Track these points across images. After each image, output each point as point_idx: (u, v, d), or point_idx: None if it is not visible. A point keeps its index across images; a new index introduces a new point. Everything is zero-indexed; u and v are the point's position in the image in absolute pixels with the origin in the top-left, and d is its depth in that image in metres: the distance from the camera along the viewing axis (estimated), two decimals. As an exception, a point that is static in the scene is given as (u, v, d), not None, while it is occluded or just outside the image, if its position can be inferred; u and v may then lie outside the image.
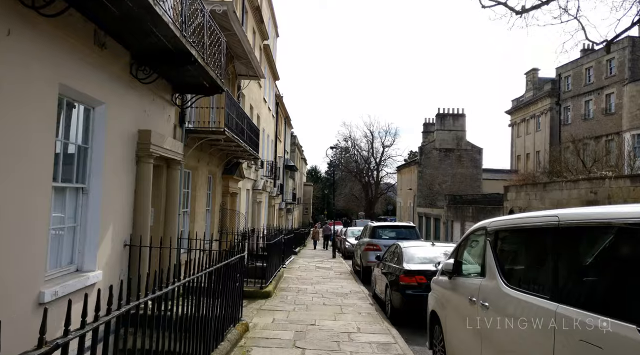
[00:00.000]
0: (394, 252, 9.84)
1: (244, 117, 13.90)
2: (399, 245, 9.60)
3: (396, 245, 9.99)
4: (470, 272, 4.66)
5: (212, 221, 13.62)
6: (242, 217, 16.73)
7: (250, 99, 19.46)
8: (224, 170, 14.63)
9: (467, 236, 5.04)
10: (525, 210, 22.45)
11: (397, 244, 9.92)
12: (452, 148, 48.26)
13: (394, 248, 10.03)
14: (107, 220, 6.29)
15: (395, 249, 9.76)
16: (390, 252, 10.35)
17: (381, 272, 9.85)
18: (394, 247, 10.03)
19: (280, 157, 33.47)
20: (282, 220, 36.53)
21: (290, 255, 21.10)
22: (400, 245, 9.47)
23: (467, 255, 4.94)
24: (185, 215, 11.21)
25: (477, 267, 4.49)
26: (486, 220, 4.52)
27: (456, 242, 22.44)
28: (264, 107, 24.18)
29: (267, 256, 10.53)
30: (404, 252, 9.01)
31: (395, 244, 10.10)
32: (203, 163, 11.95)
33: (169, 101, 8.91)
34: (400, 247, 9.38)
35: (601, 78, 40.83)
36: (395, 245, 10.02)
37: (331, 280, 13.96)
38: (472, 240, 4.91)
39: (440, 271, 5.67)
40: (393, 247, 10.24)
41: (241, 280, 7.15)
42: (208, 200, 13.37)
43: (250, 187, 20.48)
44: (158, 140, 7.83)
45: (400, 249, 9.26)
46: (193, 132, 10.20)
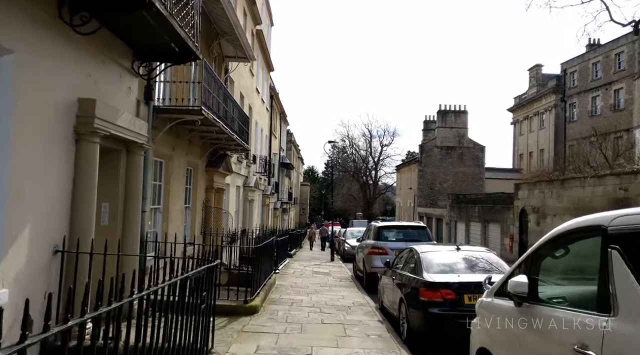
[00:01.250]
0: (408, 257, 8.04)
1: (230, 100, 12.10)
2: (416, 249, 7.80)
3: (411, 249, 8.19)
4: (569, 300, 2.89)
5: (192, 221, 11.80)
6: (229, 217, 14.90)
7: (240, 87, 17.65)
8: (208, 163, 12.81)
9: (552, 239, 3.24)
10: (539, 210, 20.72)
11: (412, 249, 8.12)
12: (453, 146, 46.57)
13: (408, 253, 8.24)
14: (18, 219, 4.47)
15: (411, 254, 7.97)
16: (403, 257, 8.56)
17: (393, 282, 8.06)
18: (409, 252, 8.24)
19: (275, 154, 31.66)
20: (277, 221, 34.70)
21: (285, 258, 19.29)
22: (417, 250, 7.67)
23: (555, 271, 3.18)
24: (157, 213, 9.39)
25: (583, 292, 2.74)
26: (597, 215, 2.71)
27: (473, 244, 20.79)
28: (256, 98, 22.38)
29: (255, 263, 8.73)
30: (423, 258, 7.22)
31: (410, 249, 8.30)
32: (180, 151, 10.14)
33: (128, 69, 7.09)
34: (417, 253, 7.58)
35: (609, 73, 39.20)
36: (410, 250, 8.22)
37: (330, 288, 12.15)
38: (566, 246, 3.13)
39: (493, 290, 3.90)
40: (407, 252, 8.45)
41: (210, 299, 5.34)
42: (187, 196, 11.56)
43: (241, 184, 18.66)
44: (108, 114, 6.01)
45: (417, 255, 7.46)
46: (163, 111, 8.38)
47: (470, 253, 7.42)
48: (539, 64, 50.46)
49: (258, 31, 21.52)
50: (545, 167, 46.11)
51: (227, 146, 12.71)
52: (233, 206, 17.21)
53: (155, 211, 9.28)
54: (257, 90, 22.24)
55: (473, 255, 7.33)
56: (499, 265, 7.05)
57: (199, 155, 11.81)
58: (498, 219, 25.94)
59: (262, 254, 9.56)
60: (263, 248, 9.51)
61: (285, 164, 36.39)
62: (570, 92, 43.91)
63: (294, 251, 25.31)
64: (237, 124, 12.98)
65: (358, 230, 27.17)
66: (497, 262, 7.18)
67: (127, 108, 7.01)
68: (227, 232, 13.30)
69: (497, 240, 26.20)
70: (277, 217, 34.78)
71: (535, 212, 20.83)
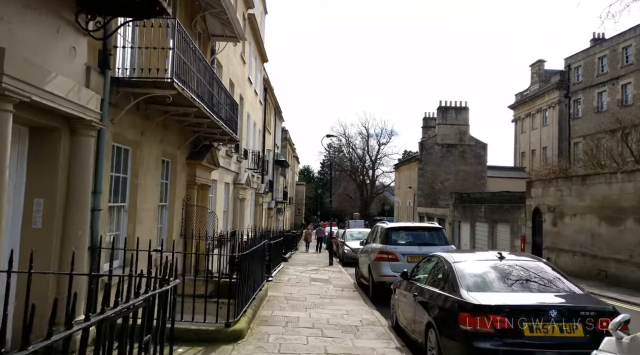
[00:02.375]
0: (434, 268, 6.34)
1: (217, 81, 10.39)
2: (444, 258, 6.10)
3: (436, 257, 6.49)
4: None
5: (170, 222, 10.07)
6: (215, 217, 13.16)
7: (230, 73, 15.92)
8: (189, 154, 11.08)
9: None
10: (556, 209, 19.12)
11: (438, 257, 6.41)
12: (454, 143, 45.01)
13: (433, 262, 6.52)
14: None
15: (437, 263, 6.26)
16: (425, 267, 6.86)
17: (414, 299, 6.36)
18: (434, 260, 6.52)
19: (269, 151, 29.93)
20: (271, 221, 32.95)
21: (280, 262, 17.57)
22: (447, 259, 5.96)
23: None
24: (121, 212, 7.66)
25: None
26: None
27: (479, 245, 18.84)
28: (249, 88, 20.65)
29: (241, 273, 7.02)
30: (457, 270, 5.53)
31: (435, 256, 6.60)
32: (152, 138, 8.40)
33: (71, 23, 5.37)
34: (446, 262, 5.88)
35: (616, 67, 37.74)
36: (435, 258, 6.52)
37: (332, 300, 10.44)
38: None
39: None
40: (430, 260, 6.74)
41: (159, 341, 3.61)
42: (164, 192, 9.83)
43: (230, 181, 16.93)
44: (31, 74, 4.31)
45: (448, 265, 5.76)
46: (124, 83, 6.64)
47: (518, 263, 5.73)
48: (541, 59, 49.11)
49: (250, 15, 19.80)
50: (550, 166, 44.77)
51: (212, 135, 10.97)
52: (221, 205, 15.48)
53: (118, 210, 7.55)
54: (249, 80, 20.52)
55: (522, 265, 5.64)
56: (559, 281, 5.38)
57: (177, 144, 10.07)
58: (507, 219, 24.34)
59: (251, 262, 7.85)
60: (252, 254, 7.80)
61: (280, 161, 34.65)
62: (574, 88, 42.46)
63: (289, 254, 23.59)
64: (225, 111, 11.28)
65: (358, 231, 25.51)
66: (554, 275, 5.51)
67: (68, 73, 5.27)
68: (213, 235, 11.60)
69: (506, 241, 24.61)
70: (271, 217, 33.03)
71: (551, 212, 19.23)
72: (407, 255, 10.53)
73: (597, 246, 15.98)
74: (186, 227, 10.86)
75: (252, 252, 7.76)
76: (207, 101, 9.17)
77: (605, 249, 15.39)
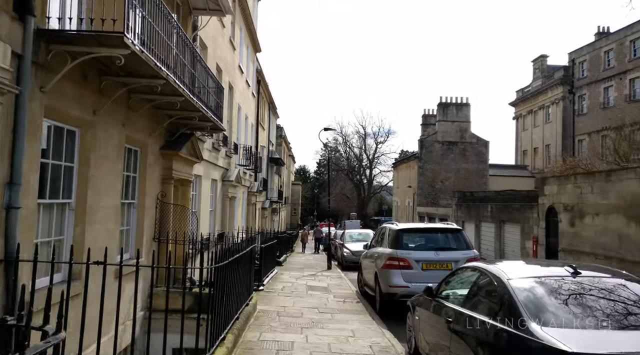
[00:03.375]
0: (476, 285, 4.68)
1: (198, 59, 8.74)
2: (491, 272, 4.44)
3: (480, 271, 4.81)
4: None
5: (140, 223, 8.39)
6: (196, 217, 11.50)
7: (216, 57, 14.24)
8: (165, 143, 9.40)
9: None
10: (574, 208, 17.56)
11: (482, 270, 4.75)
12: (455, 141, 43.45)
13: (477, 277, 4.83)
14: None
15: (482, 280, 4.59)
16: (460, 282, 5.22)
17: (446, 325, 4.72)
18: (477, 275, 4.84)
19: (263, 147, 28.27)
20: (265, 222, 31.26)
21: (273, 267, 15.90)
22: (498, 274, 4.29)
23: None
24: (65, 210, 5.97)
25: None
26: None
27: (485, 247, 16.69)
28: (239, 78, 18.98)
29: (216, 292, 5.37)
30: (516, 291, 3.87)
31: (478, 269, 4.91)
32: (109, 119, 6.72)
33: None
34: (498, 278, 4.22)
35: (624, 61, 36.32)
36: (479, 272, 4.82)
37: (333, 316, 8.78)
38: None
39: None
40: (473, 274, 5.03)
41: None
42: (131, 187, 8.15)
43: (218, 177, 15.25)
44: None
45: (501, 284, 4.09)
46: (56, 37, 4.94)
47: (603, 280, 4.09)
48: (544, 54, 47.62)
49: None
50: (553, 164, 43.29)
51: (190, 120, 9.28)
52: (207, 204, 13.80)
53: (59, 208, 5.86)
54: (240, 68, 18.85)
55: (610, 284, 4.01)
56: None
57: (147, 130, 8.39)
58: (517, 218, 22.76)
59: (231, 275, 6.19)
60: (233, 265, 6.14)
61: (274, 159, 32.97)
62: (579, 83, 41.08)
63: (284, 257, 21.91)
64: (208, 94, 9.63)
65: (358, 232, 23.92)
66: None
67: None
68: (196, 238, 9.92)
69: (515, 243, 23.04)
70: (265, 217, 31.34)
71: (569, 211, 17.65)
72: (422, 261, 8.89)
73: (624, 249, 14.42)
74: (161, 229, 9.19)
75: (233, 262, 6.10)
76: (181, 76, 7.52)
77: (636, 252, 13.83)
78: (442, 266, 8.87)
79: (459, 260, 8.96)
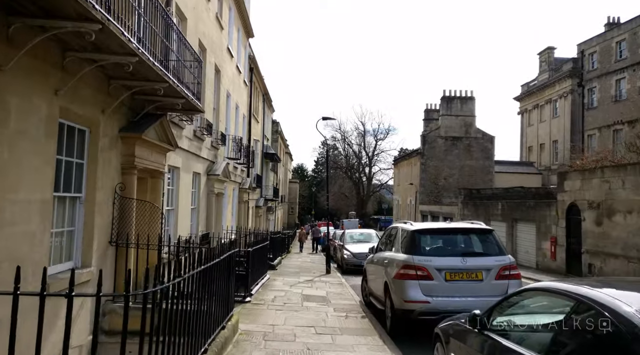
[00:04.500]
0: (569, 322, 2.90)
1: (169, 24, 6.92)
2: (607, 305, 2.67)
3: (578, 300, 2.99)
4: None
5: (89, 221, 6.57)
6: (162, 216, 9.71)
7: (199, 33, 12.42)
8: (126, 124, 7.59)
9: None
10: (601, 205, 15.78)
11: (580, 298, 2.96)
12: (459, 136, 41.68)
13: (571, 310, 3.03)
14: None
15: (580, 315, 2.81)
16: (528, 311, 3.43)
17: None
18: (572, 307, 3.05)
19: (257, 141, 26.44)
20: (260, 221, 29.45)
21: (264, 273, 14.08)
22: (625, 314, 2.53)
23: None
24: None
25: None
26: None
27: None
28: (228, 62, 17.16)
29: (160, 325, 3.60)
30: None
31: (569, 296, 3.12)
32: (28, 82, 4.91)
33: None
34: (627, 319, 2.46)
35: (637, 52, 34.56)
36: (576, 302, 3.02)
37: (333, 339, 6.97)
38: None
39: None
40: (546, 300, 3.26)
41: None
42: (74, 176, 6.33)
43: (202, 170, 13.43)
44: None
45: (624, 321, 2.34)
46: None
47: None
48: (551, 46, 45.85)
49: (229, -29, 16.32)
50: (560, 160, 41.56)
51: (156, 96, 7.46)
52: (187, 200, 11.98)
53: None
54: (229, 51, 17.03)
55: None
56: None
57: (98, 104, 6.56)
58: (532, 217, 20.99)
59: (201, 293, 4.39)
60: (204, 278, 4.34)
61: (270, 154, 31.13)
62: (588, 76, 39.28)
63: (278, 260, 20.09)
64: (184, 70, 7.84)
65: (360, 232, 22.16)
66: None
67: None
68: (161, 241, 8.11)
69: (530, 243, 21.27)
70: (260, 216, 29.51)
71: (594, 208, 15.87)
72: (445, 270, 7.06)
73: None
74: (120, 229, 7.39)
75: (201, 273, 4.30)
76: (140, 36, 5.72)
77: (681, 255, 12.06)
78: (470, 276, 7.08)
79: (491, 269, 7.17)
